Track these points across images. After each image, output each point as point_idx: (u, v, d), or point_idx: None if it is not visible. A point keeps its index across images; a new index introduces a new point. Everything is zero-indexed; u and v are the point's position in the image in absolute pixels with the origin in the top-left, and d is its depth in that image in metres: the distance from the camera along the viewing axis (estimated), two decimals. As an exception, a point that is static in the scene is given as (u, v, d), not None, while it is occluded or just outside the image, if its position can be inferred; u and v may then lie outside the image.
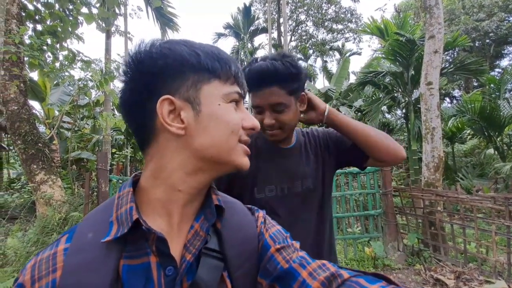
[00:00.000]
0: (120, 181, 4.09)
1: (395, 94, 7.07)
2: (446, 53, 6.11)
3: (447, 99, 11.38)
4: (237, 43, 17.24)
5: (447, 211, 3.42)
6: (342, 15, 20.59)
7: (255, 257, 0.49)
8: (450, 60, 6.31)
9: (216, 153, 0.44)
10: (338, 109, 12.11)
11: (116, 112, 9.81)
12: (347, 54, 16.87)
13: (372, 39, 20.47)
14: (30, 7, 5.46)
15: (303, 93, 0.93)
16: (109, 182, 3.55)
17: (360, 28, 16.33)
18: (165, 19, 9.35)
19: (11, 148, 9.91)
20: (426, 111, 3.90)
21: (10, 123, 4.33)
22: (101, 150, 7.65)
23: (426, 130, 3.88)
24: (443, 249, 3.36)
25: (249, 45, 16.66)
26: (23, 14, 4.96)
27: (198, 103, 0.44)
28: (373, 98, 8.95)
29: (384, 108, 9.53)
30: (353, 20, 20.66)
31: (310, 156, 1.03)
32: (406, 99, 6.55)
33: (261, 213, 0.56)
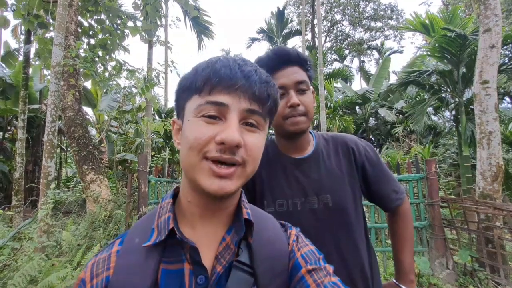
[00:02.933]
0: (158, 182, 4.31)
1: (443, 95, 6.46)
2: (505, 47, 5.41)
3: (507, 99, 10.07)
4: (270, 47, 17.31)
5: (507, 227, 3.00)
6: (382, 12, 19.55)
7: (285, 274, 0.49)
8: (510, 55, 5.58)
9: (184, 169, 0.46)
10: (377, 112, 11.54)
11: (156, 117, 10.45)
12: (387, 53, 15.94)
13: (416, 36, 19.14)
14: (85, 24, 6.09)
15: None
16: (148, 183, 3.76)
17: (401, 25, 15.32)
18: (201, 28, 9.75)
19: (68, 149, 11.11)
20: (481, 113, 3.48)
21: (67, 128, 4.84)
22: (142, 152, 8.19)
23: (481, 134, 3.46)
24: (502, 270, 2.95)
25: (283, 48, 16.62)
26: (79, 30, 5.54)
27: (182, 120, 0.48)
28: (417, 99, 8.31)
29: (430, 109, 8.78)
30: (394, 17, 19.51)
31: (333, 167, 0.90)
32: (456, 99, 5.93)
33: (294, 230, 0.55)
